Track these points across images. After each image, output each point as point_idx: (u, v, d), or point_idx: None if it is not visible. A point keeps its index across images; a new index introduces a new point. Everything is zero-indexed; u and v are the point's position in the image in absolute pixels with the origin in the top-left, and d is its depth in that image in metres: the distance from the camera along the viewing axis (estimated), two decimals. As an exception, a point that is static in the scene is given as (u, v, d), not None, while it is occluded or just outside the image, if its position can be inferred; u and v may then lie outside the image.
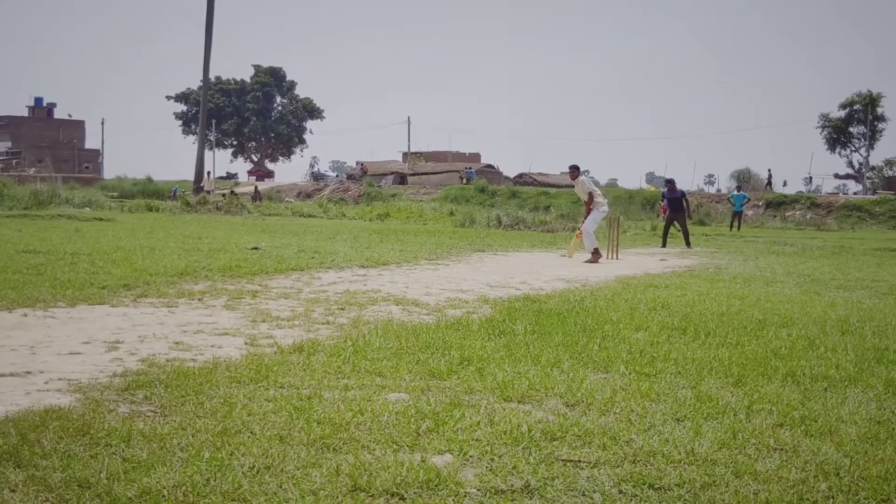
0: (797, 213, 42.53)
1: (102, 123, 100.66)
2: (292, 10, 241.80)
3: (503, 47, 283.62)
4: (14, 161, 79.28)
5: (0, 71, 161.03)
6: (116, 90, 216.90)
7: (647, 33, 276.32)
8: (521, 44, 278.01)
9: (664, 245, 19.37)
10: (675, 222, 19.80)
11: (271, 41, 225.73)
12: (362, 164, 69.19)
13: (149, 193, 46.50)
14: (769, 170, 54.94)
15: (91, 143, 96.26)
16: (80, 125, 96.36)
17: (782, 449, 3.49)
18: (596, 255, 14.05)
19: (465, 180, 58.80)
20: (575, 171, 14.85)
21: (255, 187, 56.50)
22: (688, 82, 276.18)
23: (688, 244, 19.14)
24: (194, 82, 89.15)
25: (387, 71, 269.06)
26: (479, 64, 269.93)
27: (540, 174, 64.96)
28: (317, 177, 79.31)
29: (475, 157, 78.20)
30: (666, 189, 20.31)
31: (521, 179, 63.77)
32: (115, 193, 45.28)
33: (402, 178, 63.30)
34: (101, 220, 21.65)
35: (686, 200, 19.98)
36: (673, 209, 19.69)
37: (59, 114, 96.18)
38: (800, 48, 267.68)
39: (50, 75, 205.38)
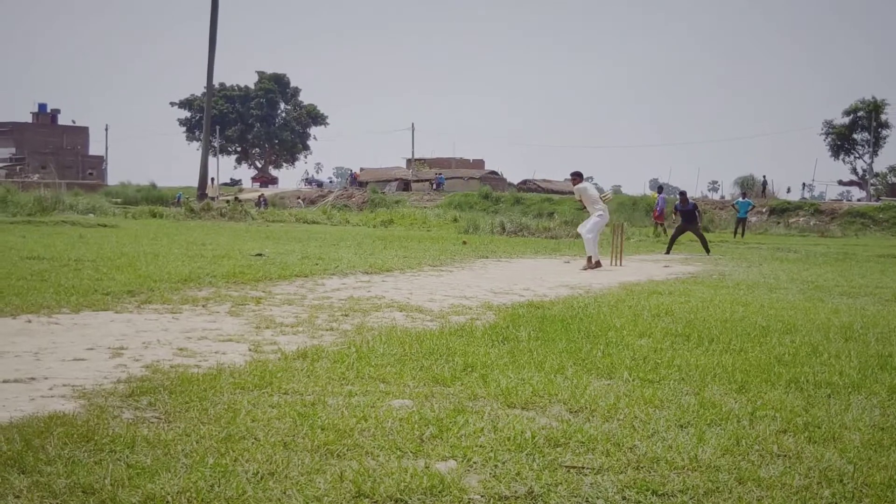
0: (801, 219, 42.51)
1: (106, 129, 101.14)
2: (296, 17, 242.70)
3: (508, 54, 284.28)
4: (18, 167, 79.46)
5: (4, 77, 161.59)
6: (120, 96, 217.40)
7: (651, 40, 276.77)
8: (526, 49, 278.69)
9: (668, 252, 19.42)
10: (688, 232, 20.07)
11: (275, 48, 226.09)
12: (352, 172, 71.27)
13: (153, 200, 46.55)
14: (764, 176, 54.90)
15: (95, 149, 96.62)
16: (83, 131, 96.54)
17: (786, 455, 3.49)
18: (592, 262, 13.94)
19: (434, 186, 59.95)
20: (576, 178, 14.91)
21: (261, 195, 56.56)
22: (691, 88, 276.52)
23: (707, 250, 19.35)
24: (198, 89, 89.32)
25: (390, 77, 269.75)
26: (484, 70, 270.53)
27: (544, 181, 65.00)
28: (310, 182, 79.36)
29: (479, 163, 78.19)
30: (678, 201, 20.80)
31: (525, 186, 63.85)
32: (118, 200, 45.34)
33: (405, 185, 63.48)
34: (105, 226, 21.72)
35: (698, 211, 20.40)
36: (686, 220, 19.95)
37: (62, 120, 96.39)
38: (804, 55, 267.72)
39: (54, 81, 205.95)
